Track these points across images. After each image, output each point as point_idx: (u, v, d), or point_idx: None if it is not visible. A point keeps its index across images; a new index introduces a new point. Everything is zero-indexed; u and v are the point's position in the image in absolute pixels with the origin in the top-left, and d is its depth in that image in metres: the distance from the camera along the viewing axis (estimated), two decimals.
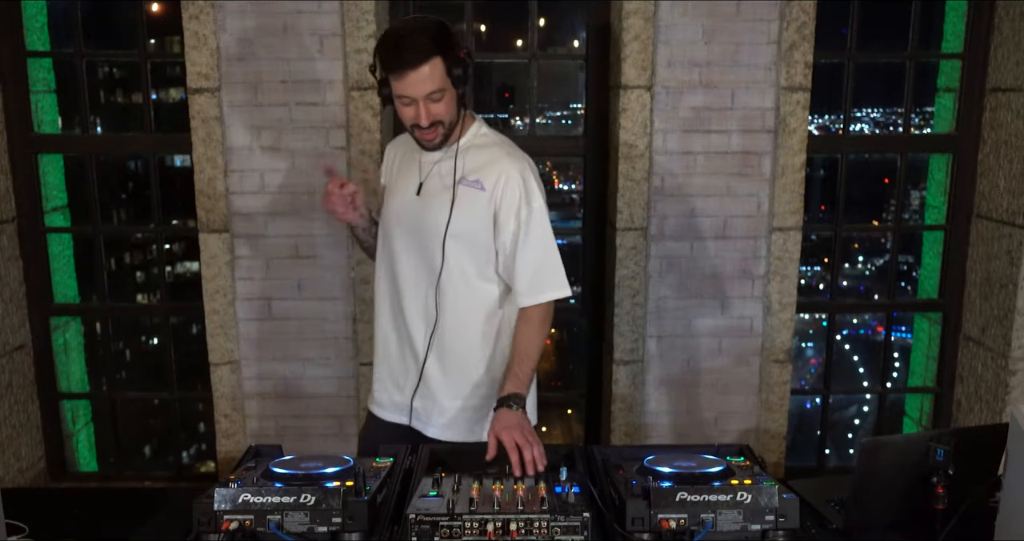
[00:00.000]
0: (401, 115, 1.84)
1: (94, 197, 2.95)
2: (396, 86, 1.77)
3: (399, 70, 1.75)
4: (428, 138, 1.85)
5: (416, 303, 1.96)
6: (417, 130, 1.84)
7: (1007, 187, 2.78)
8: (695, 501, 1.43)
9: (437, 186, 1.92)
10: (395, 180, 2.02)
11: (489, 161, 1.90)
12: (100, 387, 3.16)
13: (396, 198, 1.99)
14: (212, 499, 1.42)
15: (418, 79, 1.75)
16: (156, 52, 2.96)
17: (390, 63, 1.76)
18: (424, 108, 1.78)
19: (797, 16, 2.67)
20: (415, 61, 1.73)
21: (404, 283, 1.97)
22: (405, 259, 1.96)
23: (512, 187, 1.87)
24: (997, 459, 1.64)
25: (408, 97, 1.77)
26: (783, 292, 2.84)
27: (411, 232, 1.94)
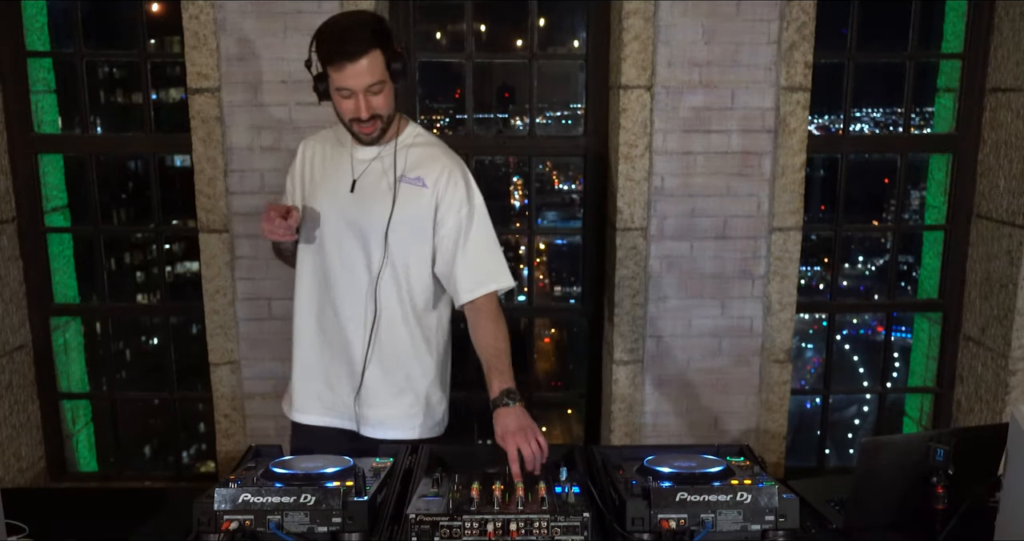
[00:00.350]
0: (339, 108, 1.84)
1: (94, 197, 2.95)
2: (336, 78, 1.78)
3: (340, 62, 1.76)
4: (367, 131, 1.85)
5: (352, 302, 1.93)
6: (356, 123, 1.84)
7: (1007, 187, 2.78)
8: (695, 501, 1.43)
9: (374, 183, 1.91)
10: (318, 178, 1.97)
11: (429, 159, 1.94)
12: (100, 387, 3.16)
13: (324, 196, 1.94)
14: (212, 499, 1.42)
15: (359, 71, 1.76)
16: (156, 52, 2.96)
17: (331, 55, 1.77)
18: (364, 100, 1.80)
19: (797, 16, 2.67)
20: (356, 53, 1.75)
21: (337, 282, 1.94)
22: (338, 258, 1.93)
23: (454, 184, 1.92)
24: (997, 459, 1.64)
25: (348, 89, 1.79)
26: (783, 292, 2.84)
27: (346, 230, 1.91)
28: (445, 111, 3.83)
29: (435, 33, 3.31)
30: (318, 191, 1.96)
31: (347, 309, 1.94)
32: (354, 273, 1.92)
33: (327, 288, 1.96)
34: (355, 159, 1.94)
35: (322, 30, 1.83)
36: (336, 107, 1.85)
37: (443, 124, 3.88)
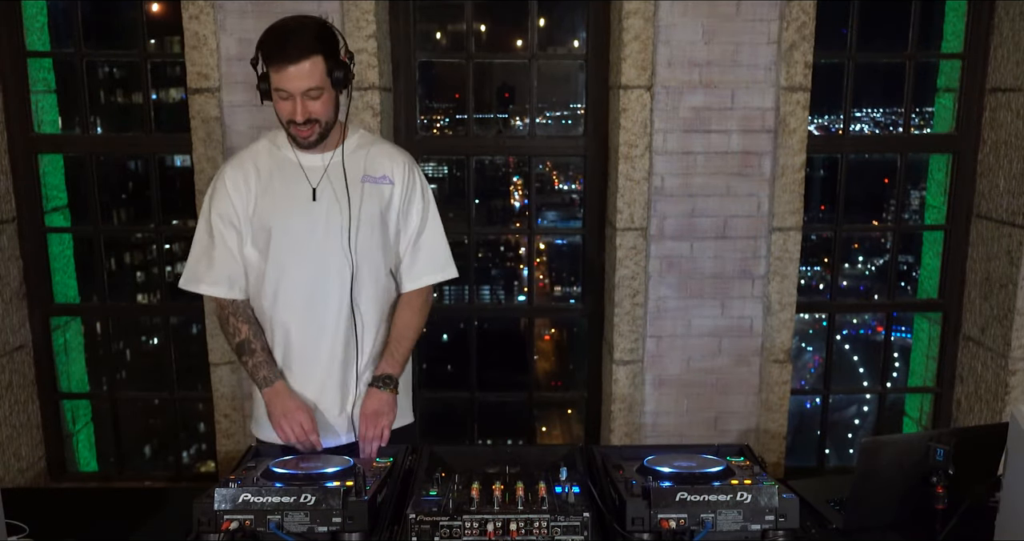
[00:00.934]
0: (277, 109, 1.83)
1: (94, 197, 2.95)
2: (275, 79, 1.78)
3: (279, 64, 1.76)
4: (303, 135, 1.83)
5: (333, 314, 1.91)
6: (293, 126, 1.82)
7: (1007, 187, 2.78)
8: (695, 501, 1.43)
9: (335, 188, 1.89)
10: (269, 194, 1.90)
11: (387, 157, 1.97)
12: (100, 387, 3.16)
13: (283, 209, 1.88)
14: (212, 499, 1.42)
15: (297, 74, 1.76)
16: (156, 52, 2.96)
17: (271, 56, 1.77)
18: (301, 104, 1.79)
19: (797, 16, 2.67)
20: (296, 56, 1.75)
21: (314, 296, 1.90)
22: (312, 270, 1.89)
23: (416, 177, 1.99)
24: (997, 459, 1.64)
25: (286, 91, 1.78)
26: (783, 292, 2.84)
27: (314, 240, 1.88)
28: (445, 111, 3.82)
29: (435, 33, 3.31)
30: (274, 206, 1.89)
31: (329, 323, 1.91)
32: (328, 284, 1.90)
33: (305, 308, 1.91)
34: (307, 168, 1.90)
35: (267, 31, 1.83)
36: (276, 110, 1.85)
37: (443, 124, 3.88)
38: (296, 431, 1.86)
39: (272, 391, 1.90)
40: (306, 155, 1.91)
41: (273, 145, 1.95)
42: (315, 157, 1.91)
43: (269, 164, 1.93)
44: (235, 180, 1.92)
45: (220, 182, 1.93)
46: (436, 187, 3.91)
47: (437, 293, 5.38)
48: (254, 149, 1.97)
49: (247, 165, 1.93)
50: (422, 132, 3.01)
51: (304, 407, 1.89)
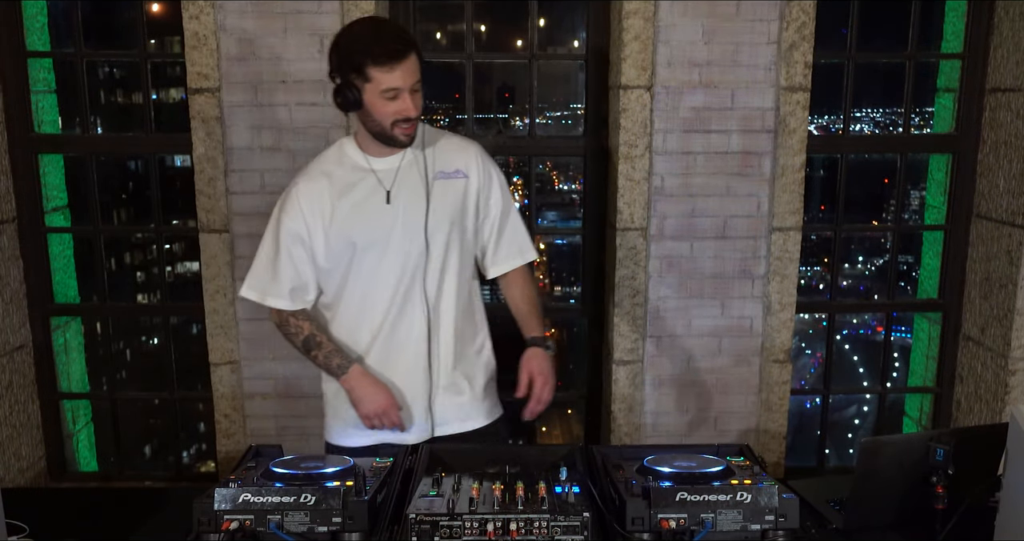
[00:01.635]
0: (379, 113, 1.79)
1: (94, 197, 2.95)
2: (384, 79, 1.75)
3: (389, 62, 1.73)
4: (409, 131, 1.83)
5: (410, 315, 1.93)
6: (400, 125, 1.80)
7: (1007, 187, 2.78)
8: (695, 501, 1.43)
9: (411, 188, 1.89)
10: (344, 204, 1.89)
11: (458, 149, 1.97)
12: (100, 387, 3.16)
13: (361, 217, 1.89)
14: (212, 499, 1.42)
15: (408, 69, 1.76)
16: (156, 52, 2.96)
17: (378, 57, 1.73)
18: (412, 99, 1.78)
19: (797, 16, 2.67)
20: (404, 52, 1.75)
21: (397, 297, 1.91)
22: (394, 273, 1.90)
23: (489, 165, 1.99)
24: (997, 459, 1.64)
25: (396, 89, 1.76)
26: (783, 292, 2.84)
27: (393, 242, 1.89)
28: (445, 111, 3.83)
29: (435, 33, 3.31)
30: (350, 215, 1.89)
31: (407, 326, 1.93)
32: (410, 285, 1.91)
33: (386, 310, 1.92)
34: (378, 172, 1.90)
35: (354, 35, 1.79)
36: (373, 113, 1.80)
37: (443, 124, 3.89)
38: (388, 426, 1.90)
39: (350, 377, 1.90)
40: (376, 159, 1.90)
41: (342, 153, 1.94)
42: (385, 160, 1.90)
43: (341, 173, 1.91)
44: (308, 194, 1.90)
45: (292, 197, 1.91)
46: None
47: None
48: (323, 159, 1.96)
49: (319, 177, 1.91)
50: None
51: (390, 395, 1.90)
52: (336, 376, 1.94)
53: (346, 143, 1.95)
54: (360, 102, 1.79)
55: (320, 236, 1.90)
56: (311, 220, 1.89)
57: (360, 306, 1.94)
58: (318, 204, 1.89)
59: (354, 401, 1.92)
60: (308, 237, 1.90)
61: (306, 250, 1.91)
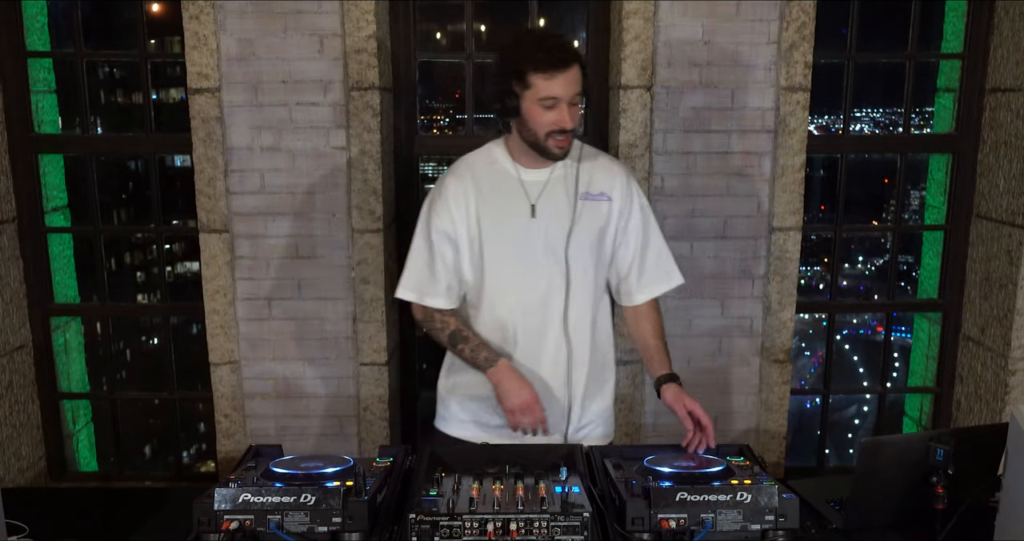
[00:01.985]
0: (535, 121, 1.79)
1: (94, 197, 2.95)
2: (544, 87, 1.75)
3: (551, 70, 1.74)
4: (564, 144, 1.81)
5: (550, 324, 1.93)
6: (554, 136, 1.80)
7: (1007, 187, 2.78)
8: (695, 501, 1.43)
9: (554, 204, 1.89)
10: (487, 210, 1.90)
11: (606, 172, 1.95)
12: (100, 387, 3.16)
13: (505, 223, 1.89)
14: (212, 499, 1.42)
15: (569, 79, 1.76)
16: (156, 52, 2.96)
17: (541, 64, 1.74)
18: (569, 111, 1.78)
19: (797, 16, 2.67)
20: (567, 61, 1.76)
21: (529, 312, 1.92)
22: (528, 286, 1.91)
23: (633, 191, 1.96)
24: (997, 459, 1.64)
25: (554, 98, 1.76)
26: (783, 292, 2.84)
27: (531, 256, 1.89)
28: (445, 111, 3.82)
29: (435, 33, 3.31)
30: (492, 222, 1.90)
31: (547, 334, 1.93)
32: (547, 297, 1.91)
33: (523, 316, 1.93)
34: (526, 183, 1.90)
35: (523, 40, 1.81)
36: (529, 121, 1.80)
37: (443, 124, 3.88)
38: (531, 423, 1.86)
39: (497, 371, 1.87)
40: (526, 170, 1.90)
41: (491, 157, 1.94)
42: (534, 172, 1.90)
43: (488, 178, 1.91)
44: (455, 194, 1.91)
45: (441, 196, 1.92)
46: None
47: None
48: (471, 161, 1.96)
49: (467, 178, 1.92)
50: (422, 132, 3.01)
51: (534, 393, 1.86)
52: (483, 370, 1.90)
53: (495, 148, 1.95)
54: (518, 110, 1.80)
55: (464, 235, 1.92)
56: (457, 217, 1.91)
57: (493, 317, 1.94)
58: (464, 202, 1.90)
59: (499, 395, 1.89)
60: (455, 235, 1.91)
61: (454, 248, 1.92)
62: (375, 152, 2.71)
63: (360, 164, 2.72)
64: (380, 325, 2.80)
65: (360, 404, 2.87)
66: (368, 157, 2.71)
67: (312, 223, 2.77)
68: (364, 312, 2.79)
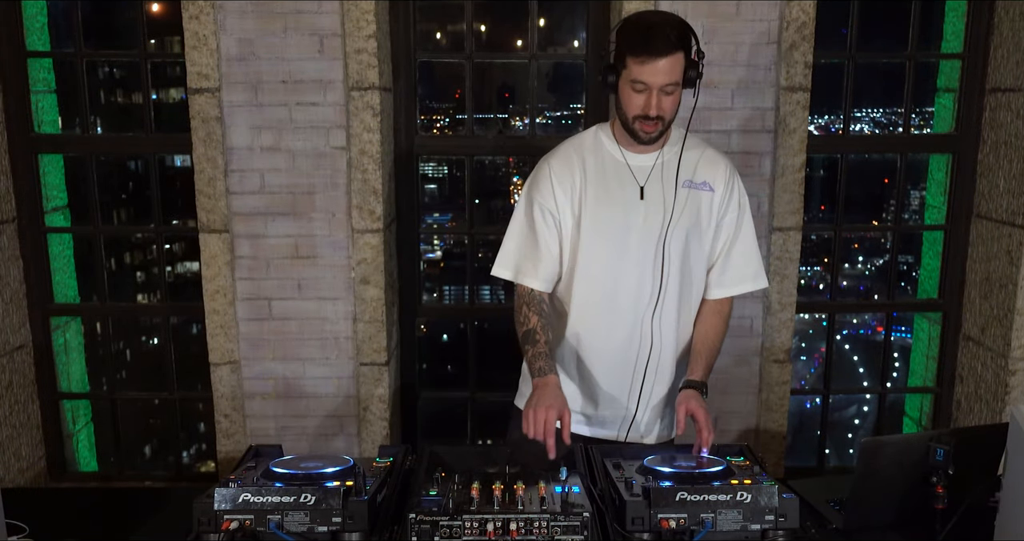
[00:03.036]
0: (626, 102, 1.82)
1: (94, 197, 2.95)
2: (635, 70, 1.77)
3: (644, 55, 1.75)
4: (648, 130, 1.83)
5: (638, 314, 1.93)
6: (639, 121, 1.82)
7: (1007, 187, 2.78)
8: (695, 501, 1.43)
9: (660, 189, 1.90)
10: (594, 191, 1.91)
11: (712, 163, 1.95)
12: (100, 387, 3.16)
13: (610, 205, 1.90)
14: (212, 499, 1.42)
15: (659, 68, 1.76)
16: (156, 52, 2.96)
17: (636, 48, 1.76)
18: (656, 99, 1.79)
19: (797, 16, 2.67)
20: (663, 51, 1.75)
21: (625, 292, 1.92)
22: (624, 270, 1.91)
23: (736, 185, 1.97)
24: (997, 459, 1.64)
25: (644, 83, 1.77)
26: (783, 292, 2.84)
27: (635, 239, 1.90)
28: (445, 111, 3.83)
29: (435, 33, 3.31)
30: (598, 203, 1.90)
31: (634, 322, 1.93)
32: (640, 284, 1.91)
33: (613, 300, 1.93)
34: (635, 167, 1.91)
35: (631, 20, 1.82)
36: (621, 101, 1.83)
37: (443, 124, 3.88)
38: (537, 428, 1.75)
39: (542, 381, 1.84)
40: (632, 154, 1.92)
41: (597, 141, 1.95)
42: (641, 157, 1.91)
43: (595, 160, 1.93)
44: (560, 173, 1.92)
45: (544, 173, 1.93)
46: (436, 187, 3.97)
47: (436, 293, 5.39)
48: (577, 142, 1.97)
49: (573, 158, 1.93)
50: (422, 132, 3.01)
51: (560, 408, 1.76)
52: (533, 376, 1.89)
53: (601, 132, 1.96)
54: (616, 87, 1.83)
55: (569, 215, 1.92)
56: (561, 197, 1.91)
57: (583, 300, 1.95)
58: (569, 182, 1.91)
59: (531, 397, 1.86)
60: (558, 213, 1.92)
61: (556, 227, 1.93)
62: (375, 152, 2.71)
63: (360, 164, 2.72)
64: (380, 325, 2.80)
65: (360, 404, 2.87)
66: (368, 157, 2.71)
67: (312, 223, 2.77)
68: (364, 312, 2.80)
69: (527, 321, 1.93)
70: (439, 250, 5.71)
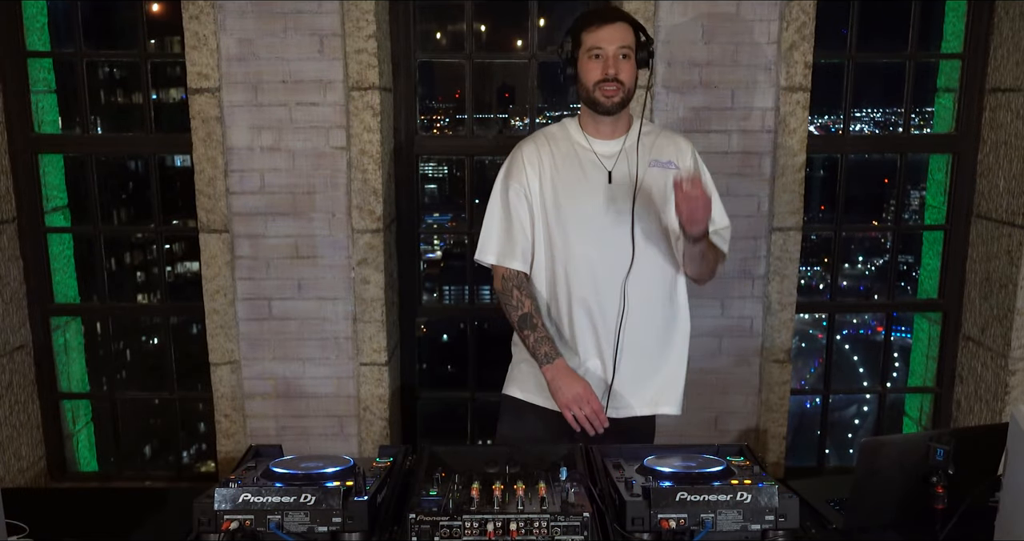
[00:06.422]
0: (586, 74, 1.97)
1: (94, 197, 2.95)
2: (590, 40, 1.94)
3: (596, 24, 1.94)
4: (609, 92, 1.95)
5: (610, 292, 2.02)
6: (600, 87, 1.95)
7: (1007, 187, 2.78)
8: (695, 501, 1.43)
9: (627, 172, 2.02)
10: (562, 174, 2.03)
11: (672, 143, 2.11)
12: (100, 387, 3.16)
13: (579, 191, 2.02)
14: (212, 499, 1.42)
15: (612, 31, 1.94)
16: (156, 52, 2.96)
17: (588, 22, 1.96)
18: (613, 62, 1.93)
19: (797, 16, 2.67)
20: (612, 18, 1.96)
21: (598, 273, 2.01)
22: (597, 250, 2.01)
23: (699, 164, 2.13)
24: (997, 459, 1.64)
25: (599, 48, 1.94)
26: (783, 292, 2.84)
27: (603, 220, 2.00)
28: (445, 111, 3.83)
29: (435, 33, 3.31)
30: (567, 186, 2.02)
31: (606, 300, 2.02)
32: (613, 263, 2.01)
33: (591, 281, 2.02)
34: (601, 154, 2.04)
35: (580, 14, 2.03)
36: (581, 76, 1.98)
37: (443, 124, 3.88)
38: (588, 413, 1.96)
39: (554, 368, 1.98)
40: (598, 142, 2.05)
41: (565, 130, 2.09)
42: (607, 143, 2.04)
43: (563, 147, 2.06)
44: (530, 155, 2.06)
45: (517, 156, 2.08)
46: (436, 187, 3.97)
47: (436, 293, 5.38)
48: (547, 132, 2.12)
49: (542, 143, 2.08)
50: (422, 132, 3.01)
51: (588, 386, 1.98)
52: (540, 363, 2.01)
53: (569, 123, 2.11)
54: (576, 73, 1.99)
55: (538, 195, 2.04)
56: (532, 178, 2.04)
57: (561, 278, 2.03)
58: (538, 162, 2.04)
59: (553, 391, 1.99)
60: (530, 194, 2.04)
61: (529, 206, 2.04)
62: (375, 152, 2.71)
63: (360, 164, 2.72)
64: (380, 325, 2.80)
65: (360, 404, 2.87)
66: (368, 157, 2.71)
67: (312, 223, 2.77)
68: (364, 312, 2.79)
69: (521, 305, 2.03)
70: (439, 250, 5.71)
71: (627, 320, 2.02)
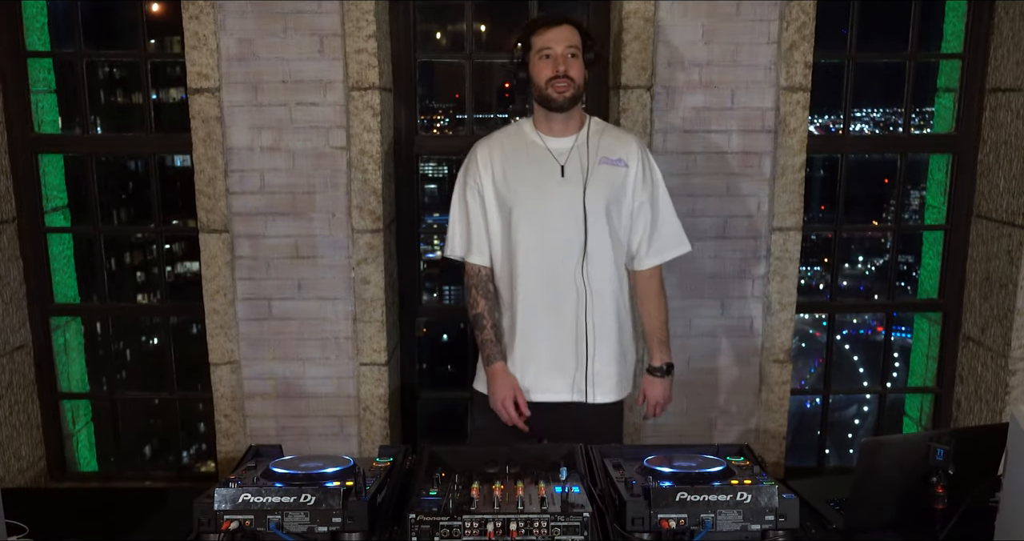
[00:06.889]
0: (537, 74, 2.07)
1: (94, 197, 2.95)
2: (539, 42, 2.05)
3: (544, 27, 2.05)
4: (560, 88, 2.04)
5: (566, 282, 2.11)
6: (551, 84, 2.04)
7: (1007, 187, 2.78)
8: (695, 501, 1.43)
9: (578, 168, 2.10)
10: (514, 170, 2.13)
11: (623, 141, 2.19)
12: (100, 387, 3.16)
13: (532, 185, 2.11)
14: (212, 499, 1.42)
15: (559, 33, 2.05)
16: (156, 52, 2.96)
17: (537, 25, 2.07)
18: (562, 60, 2.03)
19: (797, 16, 2.67)
20: (559, 21, 2.07)
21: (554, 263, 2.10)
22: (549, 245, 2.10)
23: (648, 160, 2.21)
24: (997, 459, 1.64)
25: (548, 48, 2.04)
26: (783, 292, 2.84)
27: (554, 215, 2.09)
28: (445, 111, 3.82)
29: (435, 33, 3.31)
30: (519, 181, 2.12)
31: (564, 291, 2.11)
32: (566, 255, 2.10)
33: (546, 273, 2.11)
34: (554, 150, 2.13)
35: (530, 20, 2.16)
36: (533, 76, 2.08)
37: (443, 124, 3.88)
38: (505, 419, 2.13)
39: (492, 371, 2.15)
40: (552, 139, 2.14)
41: (520, 129, 2.19)
42: (559, 140, 2.13)
43: (517, 145, 2.16)
44: (483, 155, 2.18)
45: (472, 156, 2.20)
46: (436, 187, 3.98)
47: (436, 293, 5.39)
48: (503, 131, 2.23)
49: (495, 142, 2.19)
50: (422, 132, 3.01)
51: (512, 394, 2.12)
52: (484, 363, 2.18)
53: (524, 122, 2.20)
54: (528, 75, 2.09)
55: (491, 193, 2.15)
56: (484, 177, 2.15)
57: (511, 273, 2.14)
58: (490, 161, 2.15)
59: (491, 394, 2.16)
60: (483, 191, 2.16)
61: (483, 204, 2.16)
62: (375, 152, 2.71)
63: (360, 164, 2.72)
64: (380, 325, 2.80)
65: (360, 404, 2.87)
66: (368, 157, 2.71)
67: (312, 223, 2.77)
68: (364, 312, 2.80)
69: (475, 304, 2.20)
70: (439, 250, 5.71)
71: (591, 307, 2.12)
